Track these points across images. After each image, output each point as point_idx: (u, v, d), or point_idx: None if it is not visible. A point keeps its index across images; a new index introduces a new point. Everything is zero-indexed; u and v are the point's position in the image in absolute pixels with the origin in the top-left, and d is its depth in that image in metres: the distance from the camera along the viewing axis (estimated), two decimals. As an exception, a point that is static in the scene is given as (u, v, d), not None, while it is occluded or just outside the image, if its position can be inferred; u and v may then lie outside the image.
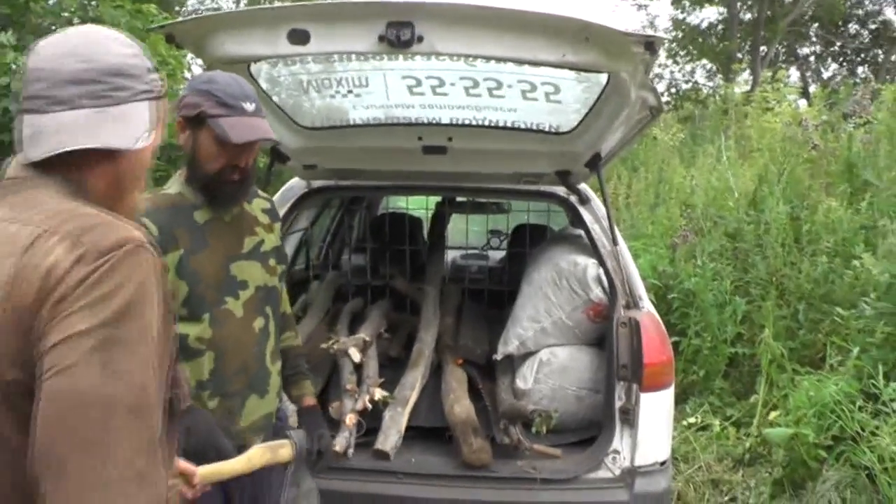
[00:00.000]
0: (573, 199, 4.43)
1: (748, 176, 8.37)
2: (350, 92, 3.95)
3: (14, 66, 6.25)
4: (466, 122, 4.10)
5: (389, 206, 7.66)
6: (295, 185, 4.64)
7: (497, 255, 7.31)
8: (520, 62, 3.24)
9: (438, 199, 6.07)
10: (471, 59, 3.40)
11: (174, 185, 2.67)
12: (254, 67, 3.53)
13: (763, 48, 26.00)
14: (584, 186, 4.53)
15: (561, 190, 4.46)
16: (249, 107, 2.46)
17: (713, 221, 7.49)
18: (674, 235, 7.56)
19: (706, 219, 7.59)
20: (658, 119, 3.77)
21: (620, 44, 2.84)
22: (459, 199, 6.21)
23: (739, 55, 25.61)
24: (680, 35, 27.93)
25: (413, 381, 4.16)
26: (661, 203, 9.29)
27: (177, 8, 16.84)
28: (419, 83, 3.79)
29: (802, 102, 16.09)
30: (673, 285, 6.72)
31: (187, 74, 9.82)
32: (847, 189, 7.03)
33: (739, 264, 6.86)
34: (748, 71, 23.50)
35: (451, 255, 6.74)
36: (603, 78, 3.41)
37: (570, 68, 3.19)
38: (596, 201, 4.44)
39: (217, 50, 3.02)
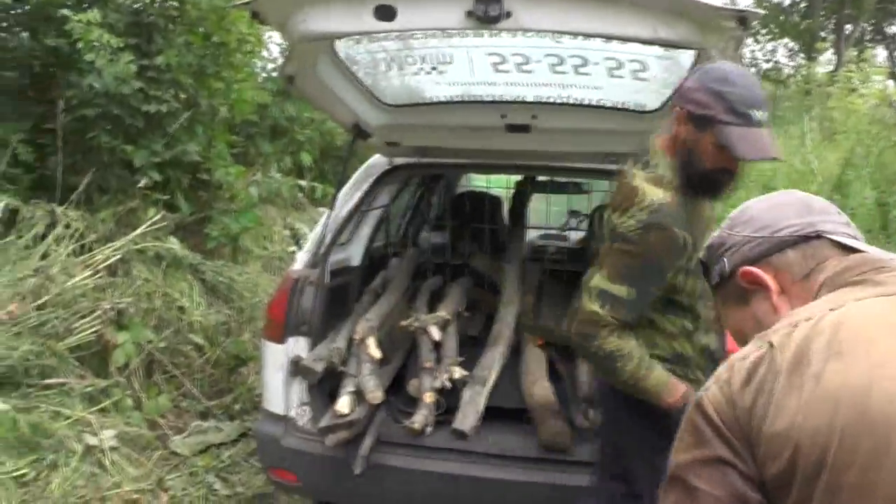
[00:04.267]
0: None
1: (832, 159, 8.12)
2: (434, 69, 3.93)
3: (97, 44, 6.35)
4: (551, 100, 4.04)
5: (467, 184, 7.63)
6: (377, 161, 4.63)
7: (576, 237, 7.23)
8: (609, 38, 3.17)
9: (518, 178, 6.01)
10: (558, 35, 3.34)
11: (658, 183, 2.63)
12: (337, 43, 3.52)
13: (848, 26, 25.27)
14: None
15: None
16: (760, 115, 2.41)
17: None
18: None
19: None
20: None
21: (712, 18, 2.76)
22: (540, 178, 6.15)
23: (823, 34, 24.94)
24: (762, 12, 27.25)
25: (492, 361, 4.13)
26: (740, 187, 9.08)
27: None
28: (504, 60, 3.75)
29: (890, 84, 15.57)
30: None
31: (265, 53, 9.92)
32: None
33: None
34: (832, 50, 22.86)
35: (529, 235, 6.68)
36: (691, 55, 3.31)
37: (661, 44, 3.10)
38: None
39: (301, 26, 3.00)
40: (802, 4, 27.25)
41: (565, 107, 4.06)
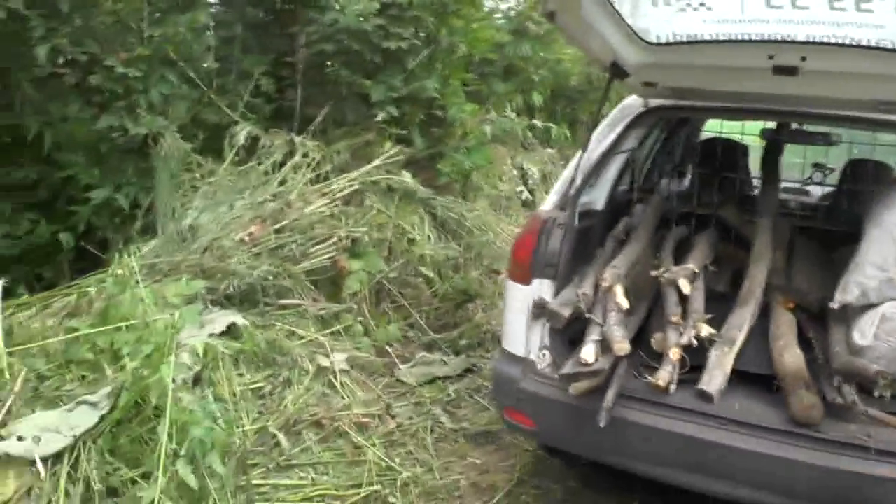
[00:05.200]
0: None
1: None
2: (702, 5, 3.68)
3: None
4: (825, 39, 3.70)
5: (711, 130, 7.30)
6: (632, 103, 4.45)
7: (818, 192, 6.80)
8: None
9: (767, 126, 5.66)
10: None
11: None
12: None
13: None
14: None
15: None
16: None
17: None
18: None
19: None
20: None
21: None
22: (793, 126, 5.77)
23: None
24: None
25: (741, 321, 3.88)
26: None
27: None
28: (781, -7, 3.46)
29: None
30: None
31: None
32: None
33: None
34: None
35: None
36: None
37: None
38: None
39: None
40: None
41: (840, 47, 3.71)
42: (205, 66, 6.79)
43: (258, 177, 6.15)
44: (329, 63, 7.18)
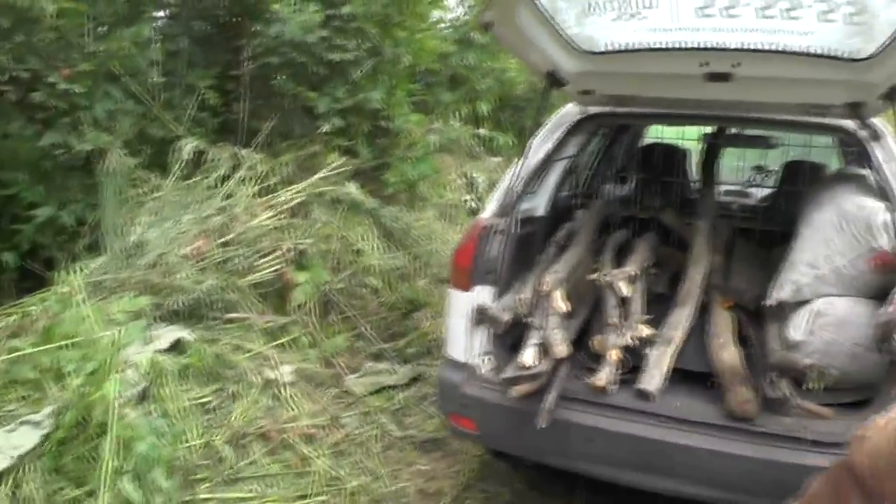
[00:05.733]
0: (864, 133, 4.04)
1: None
2: (635, 14, 3.75)
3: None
4: (756, 46, 3.80)
5: (652, 136, 7.40)
6: (569, 110, 4.52)
7: (759, 193, 6.93)
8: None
9: (706, 130, 5.77)
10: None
11: None
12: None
13: None
14: (876, 121, 4.12)
15: (849, 124, 4.08)
16: None
17: None
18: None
19: None
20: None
21: None
22: (732, 132, 5.88)
23: None
24: None
25: (680, 321, 3.97)
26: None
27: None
28: (710, 4, 3.55)
29: None
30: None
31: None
32: None
33: None
34: None
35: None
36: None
37: None
38: (890, 139, 4.04)
39: None
40: None
41: (771, 54, 3.81)
42: (150, 80, 6.75)
43: (204, 191, 6.13)
44: (274, 75, 7.19)
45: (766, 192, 6.74)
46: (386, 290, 6.25)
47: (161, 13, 7.54)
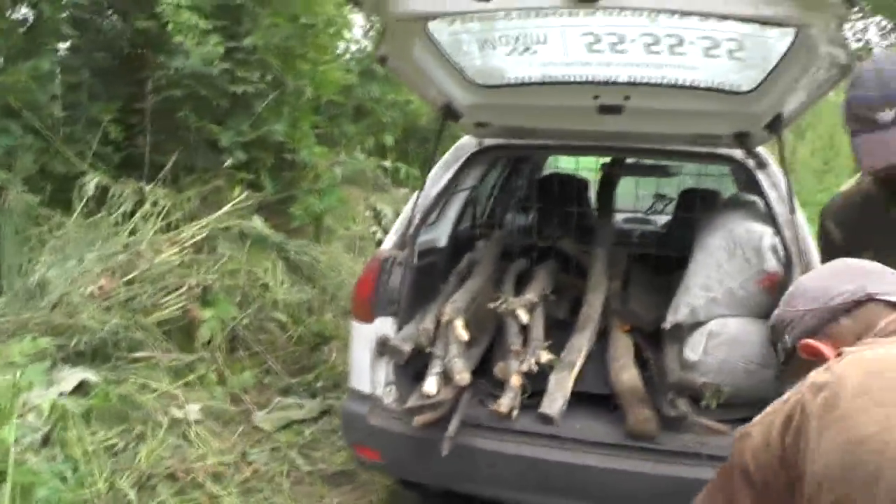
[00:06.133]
0: (750, 162, 4.23)
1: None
2: (527, 49, 3.86)
3: (186, 26, 6.50)
4: (645, 80, 3.95)
5: (554, 166, 7.55)
6: (466, 142, 4.60)
7: (661, 220, 7.12)
8: (708, 16, 3.10)
9: (604, 160, 5.93)
10: (654, 14, 3.27)
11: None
12: (431, 24, 3.50)
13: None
14: (762, 150, 4.31)
15: (738, 153, 4.26)
16: (887, 116, 2.12)
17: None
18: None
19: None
20: (846, 77, 3.47)
21: None
22: (629, 160, 6.05)
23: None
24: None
25: (580, 346, 4.07)
26: (830, 171, 8.87)
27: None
28: (598, 40, 3.67)
29: None
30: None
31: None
32: None
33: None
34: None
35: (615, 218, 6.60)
36: (790, 33, 3.20)
37: (761, 22, 3.02)
38: (773, 167, 4.23)
39: (398, 6, 2.99)
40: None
41: (659, 87, 3.97)
42: (51, 114, 6.66)
43: (108, 228, 6.05)
44: (178, 109, 7.13)
45: (666, 218, 6.93)
46: (293, 324, 6.23)
47: (61, 45, 7.43)
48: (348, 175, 8.72)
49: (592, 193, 6.21)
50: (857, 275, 1.65)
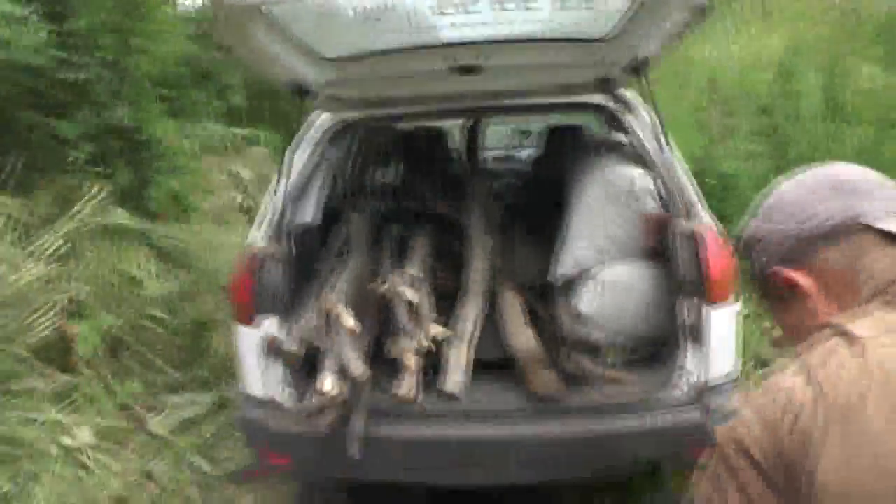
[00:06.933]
0: (614, 105, 4.22)
1: (773, 46, 8.01)
2: (371, 17, 3.72)
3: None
4: (498, 37, 3.87)
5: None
6: (324, 118, 4.45)
7: (525, 156, 7.12)
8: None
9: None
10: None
11: None
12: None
13: None
14: (628, 94, 4.31)
15: (601, 98, 4.25)
16: None
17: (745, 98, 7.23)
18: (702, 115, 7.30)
19: (736, 99, 7.32)
20: (704, 19, 3.44)
21: None
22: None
23: None
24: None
25: (472, 314, 4.02)
26: (684, 84, 9.00)
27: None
28: (445, 4, 3.56)
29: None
30: (707, 169, 6.51)
31: None
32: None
33: (778, 143, 6.63)
34: None
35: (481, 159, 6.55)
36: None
37: None
38: (641, 108, 4.23)
39: None
40: None
41: (514, 43, 3.90)
42: None
43: (-48, 250, 5.66)
44: (12, 106, 6.69)
45: (531, 154, 6.91)
46: (171, 316, 6.00)
47: None
48: (202, 145, 8.40)
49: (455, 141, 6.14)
50: (845, 190, 1.34)
